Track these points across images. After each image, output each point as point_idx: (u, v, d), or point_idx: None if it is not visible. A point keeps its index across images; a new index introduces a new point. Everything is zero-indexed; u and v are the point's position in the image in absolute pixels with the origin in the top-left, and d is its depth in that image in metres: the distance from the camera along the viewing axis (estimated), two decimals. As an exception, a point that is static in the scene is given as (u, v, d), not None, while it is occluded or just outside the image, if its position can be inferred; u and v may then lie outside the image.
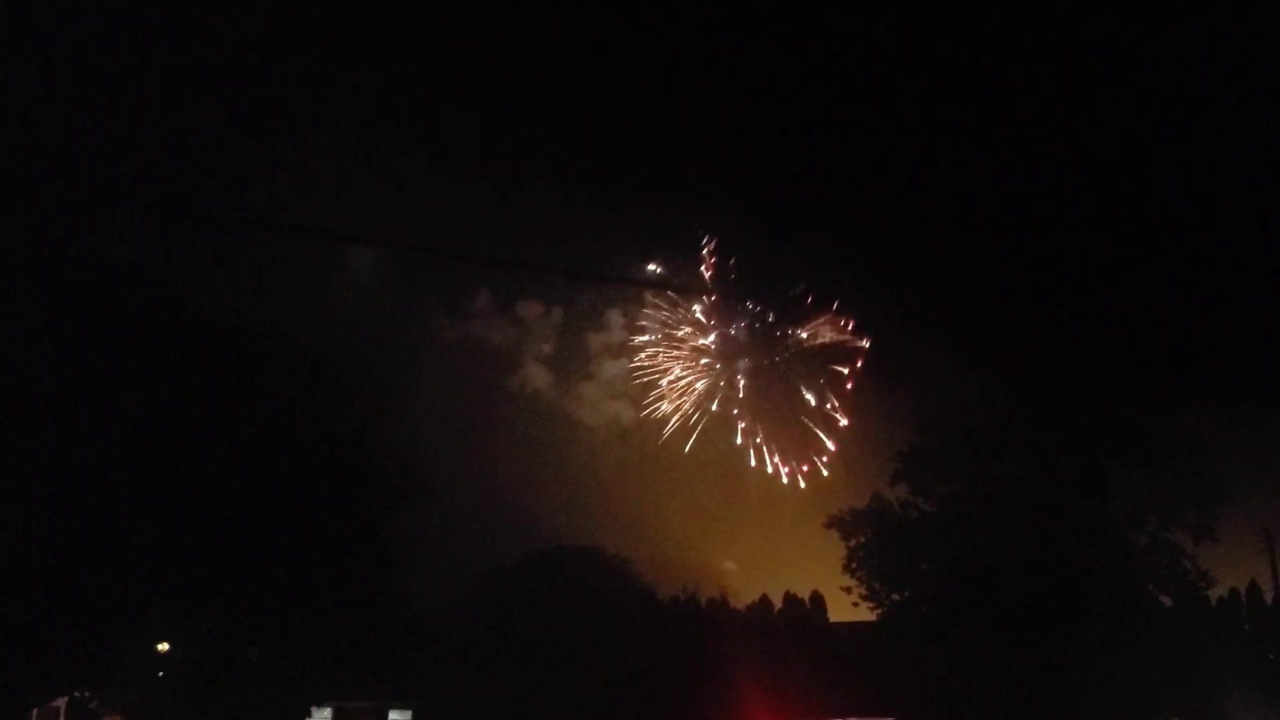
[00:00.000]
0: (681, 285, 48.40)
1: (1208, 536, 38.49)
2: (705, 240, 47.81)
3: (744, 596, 44.99)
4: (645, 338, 48.75)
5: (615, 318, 48.65)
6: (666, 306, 48.88)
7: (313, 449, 36.28)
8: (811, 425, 48.08)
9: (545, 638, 39.64)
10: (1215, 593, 39.67)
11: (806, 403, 48.28)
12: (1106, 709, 37.30)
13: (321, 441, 36.52)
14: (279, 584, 36.22)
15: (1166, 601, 39.08)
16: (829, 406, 47.60)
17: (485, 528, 40.55)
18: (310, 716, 40.66)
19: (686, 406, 48.16)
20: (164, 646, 37.45)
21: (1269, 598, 40.38)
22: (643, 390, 47.75)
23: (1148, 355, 47.07)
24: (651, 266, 48.27)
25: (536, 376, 48.45)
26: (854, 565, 41.36)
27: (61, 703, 36.31)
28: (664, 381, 48.11)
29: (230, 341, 33.04)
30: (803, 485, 47.12)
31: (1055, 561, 37.48)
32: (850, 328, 48.07)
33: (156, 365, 32.06)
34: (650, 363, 48.58)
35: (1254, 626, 40.48)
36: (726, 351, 48.83)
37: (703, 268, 48.28)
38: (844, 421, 47.34)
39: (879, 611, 41.21)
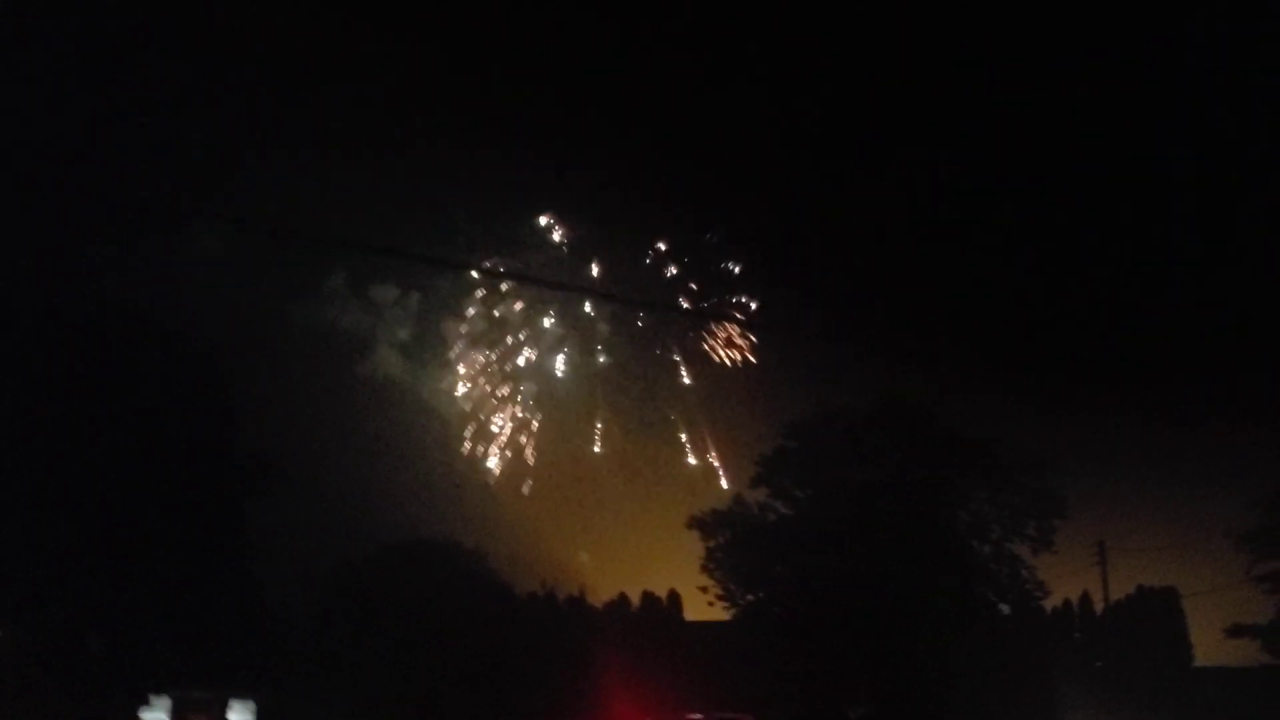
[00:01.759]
0: (552, 281, 47.12)
1: (1046, 548, 40.37)
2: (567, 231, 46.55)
3: (601, 593, 45.14)
4: (468, 357, 46.52)
5: (475, 304, 47.36)
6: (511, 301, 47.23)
7: (164, 434, 35.01)
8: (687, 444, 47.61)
9: (398, 633, 39.12)
10: (1050, 602, 41.62)
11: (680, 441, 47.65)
12: (944, 710, 38.82)
13: (173, 427, 35.27)
14: (124, 570, 34.95)
15: (1005, 609, 40.78)
16: (709, 457, 47.34)
17: (339, 519, 39.59)
18: (149, 705, 39.26)
19: (522, 443, 46.59)
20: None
21: (1099, 608, 42.52)
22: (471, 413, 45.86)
23: (998, 374, 48.82)
24: (488, 265, 46.18)
25: (390, 364, 47.09)
26: (712, 565, 42.01)
27: None
28: (496, 423, 46.21)
29: (73, 319, 31.55)
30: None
31: (903, 567, 38.68)
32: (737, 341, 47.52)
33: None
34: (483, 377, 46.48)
35: (1084, 635, 42.57)
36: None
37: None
38: (725, 484, 47.04)
39: (733, 611, 41.96)
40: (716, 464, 47.12)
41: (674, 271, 46.92)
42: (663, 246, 46.95)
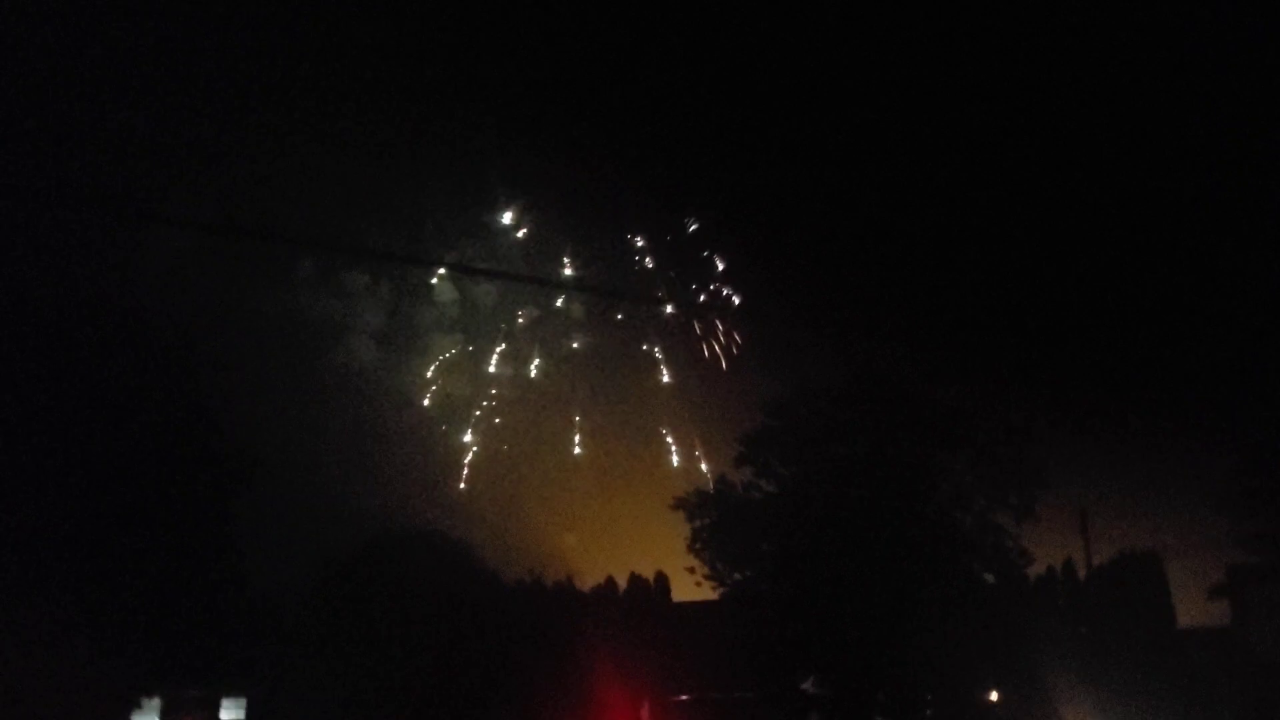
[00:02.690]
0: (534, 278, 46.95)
1: (1029, 517, 40.58)
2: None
3: (589, 577, 45.29)
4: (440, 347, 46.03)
5: (448, 291, 47.15)
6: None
7: (143, 431, 34.76)
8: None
9: (386, 626, 39.05)
10: (1034, 570, 41.88)
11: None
12: (933, 682, 39.13)
13: (152, 423, 35.02)
14: (110, 572, 34.74)
15: (989, 579, 41.01)
16: (695, 455, 47.38)
17: (324, 512, 39.44)
18: (140, 708, 39.16)
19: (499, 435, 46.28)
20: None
21: (1082, 574, 42.90)
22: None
23: (975, 348, 49.19)
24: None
25: (364, 352, 46.84)
26: (698, 545, 42.15)
27: None
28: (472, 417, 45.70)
29: (46, 317, 31.33)
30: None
31: (888, 540, 38.89)
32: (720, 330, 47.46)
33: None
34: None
35: (1068, 601, 42.92)
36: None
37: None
38: (706, 470, 46.95)
39: (721, 591, 42.12)
40: (700, 455, 47.22)
41: (650, 264, 46.84)
42: (639, 240, 46.87)
